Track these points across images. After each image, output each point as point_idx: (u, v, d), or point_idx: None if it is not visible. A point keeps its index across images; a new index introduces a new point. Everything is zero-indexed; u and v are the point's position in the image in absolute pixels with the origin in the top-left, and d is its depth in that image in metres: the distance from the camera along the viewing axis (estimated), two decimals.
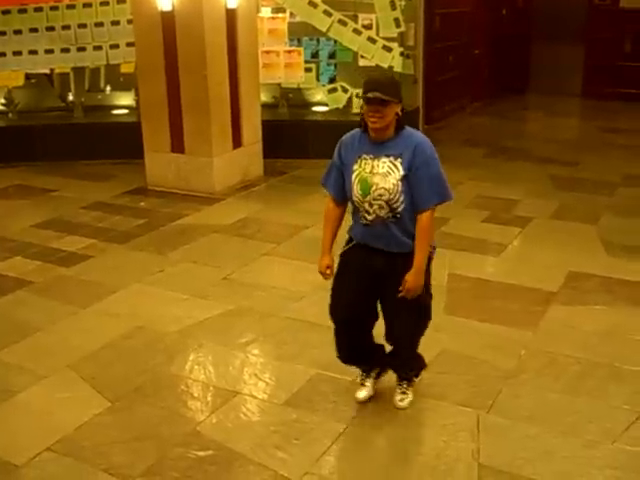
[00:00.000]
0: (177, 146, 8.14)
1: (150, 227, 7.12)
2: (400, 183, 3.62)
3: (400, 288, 3.70)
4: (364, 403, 4.15)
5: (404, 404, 4.11)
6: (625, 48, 13.69)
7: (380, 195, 3.64)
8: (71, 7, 9.57)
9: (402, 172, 3.62)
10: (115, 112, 10.13)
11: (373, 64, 9.61)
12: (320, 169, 4.08)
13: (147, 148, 8.34)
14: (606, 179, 8.62)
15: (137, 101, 9.25)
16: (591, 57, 13.96)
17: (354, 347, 4.09)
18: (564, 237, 6.72)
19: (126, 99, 10.22)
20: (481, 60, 13.39)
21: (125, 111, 10.11)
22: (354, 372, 4.40)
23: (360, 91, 3.73)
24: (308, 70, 9.71)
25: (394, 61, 9.59)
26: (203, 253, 6.45)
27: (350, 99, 9.68)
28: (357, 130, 3.79)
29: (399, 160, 3.63)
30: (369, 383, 4.21)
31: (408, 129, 3.73)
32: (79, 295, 5.62)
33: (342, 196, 3.85)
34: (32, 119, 9.69)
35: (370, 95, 3.54)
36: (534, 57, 14.67)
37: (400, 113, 3.65)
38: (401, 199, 3.64)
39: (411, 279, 3.69)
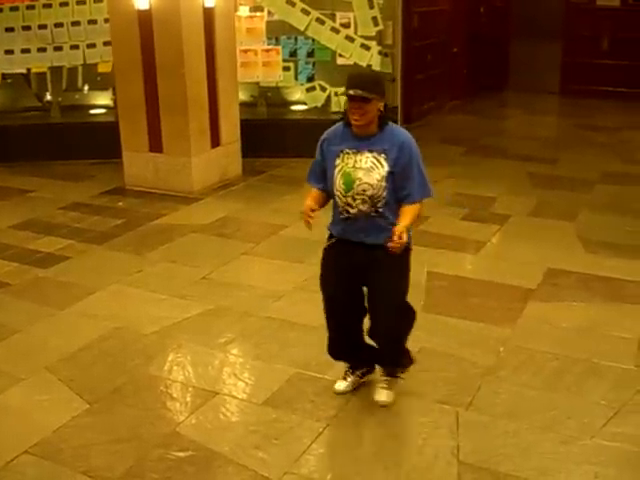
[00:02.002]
0: (155, 146, 8.10)
1: (128, 227, 7.08)
2: (384, 179, 3.65)
3: (388, 240, 3.61)
4: (343, 394, 4.18)
5: (384, 398, 4.08)
6: (602, 46, 13.78)
7: (364, 190, 3.66)
8: (47, 6, 9.48)
9: (387, 168, 3.66)
10: (93, 112, 10.05)
11: (351, 63, 9.62)
12: (299, 168, 4.09)
13: (125, 148, 8.29)
14: (584, 176, 8.66)
15: (115, 100, 9.19)
16: (569, 55, 14.02)
17: (345, 338, 4.10)
18: (542, 234, 6.76)
19: (104, 99, 10.14)
20: (459, 58, 13.42)
21: (103, 111, 10.03)
22: (334, 371, 4.40)
23: (339, 90, 3.76)
24: (286, 69, 9.69)
25: (372, 59, 9.61)
26: (182, 253, 6.43)
27: (329, 98, 9.68)
28: (339, 125, 3.81)
29: (383, 156, 3.66)
30: (351, 379, 4.22)
31: (391, 125, 3.76)
32: (57, 296, 5.58)
33: (327, 189, 3.86)
34: (8, 119, 9.60)
35: (352, 92, 3.57)
36: (512, 55, 14.72)
37: (383, 109, 3.68)
38: (384, 195, 3.67)
39: (398, 230, 3.59)
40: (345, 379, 4.23)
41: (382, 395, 4.11)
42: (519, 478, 3.52)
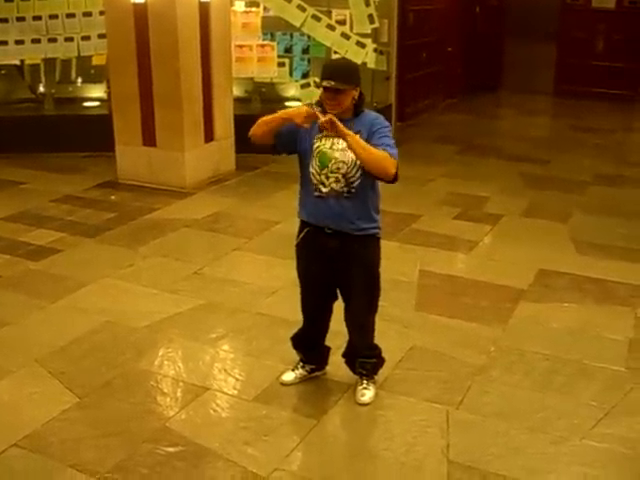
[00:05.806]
0: (148, 139, 8.07)
1: (120, 221, 7.06)
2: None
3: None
4: (288, 385, 4.28)
5: (366, 399, 4.11)
6: (597, 47, 13.83)
7: (338, 168, 3.75)
8: None
9: None
10: (86, 104, 10.02)
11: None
12: (292, 165, 4.06)
13: (118, 141, 8.26)
14: (577, 178, 8.69)
15: (108, 93, 9.15)
16: (563, 56, 14.08)
17: (313, 330, 4.26)
18: (534, 235, 6.77)
19: (97, 91, 10.11)
20: (454, 57, 13.43)
21: (96, 103, 9.99)
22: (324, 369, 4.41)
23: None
24: (281, 65, 9.68)
25: (367, 57, 9.62)
26: (174, 248, 6.41)
27: None
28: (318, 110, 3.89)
29: (357, 136, 3.70)
30: (299, 372, 4.33)
31: (366, 111, 3.84)
32: (48, 289, 5.56)
33: (281, 144, 3.92)
34: (1, 110, 9.56)
35: (325, 84, 3.67)
36: (507, 55, 14.77)
37: (357, 98, 3.76)
38: (358, 174, 3.74)
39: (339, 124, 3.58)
40: (294, 371, 4.33)
41: (362, 395, 4.13)
42: (508, 478, 3.53)
